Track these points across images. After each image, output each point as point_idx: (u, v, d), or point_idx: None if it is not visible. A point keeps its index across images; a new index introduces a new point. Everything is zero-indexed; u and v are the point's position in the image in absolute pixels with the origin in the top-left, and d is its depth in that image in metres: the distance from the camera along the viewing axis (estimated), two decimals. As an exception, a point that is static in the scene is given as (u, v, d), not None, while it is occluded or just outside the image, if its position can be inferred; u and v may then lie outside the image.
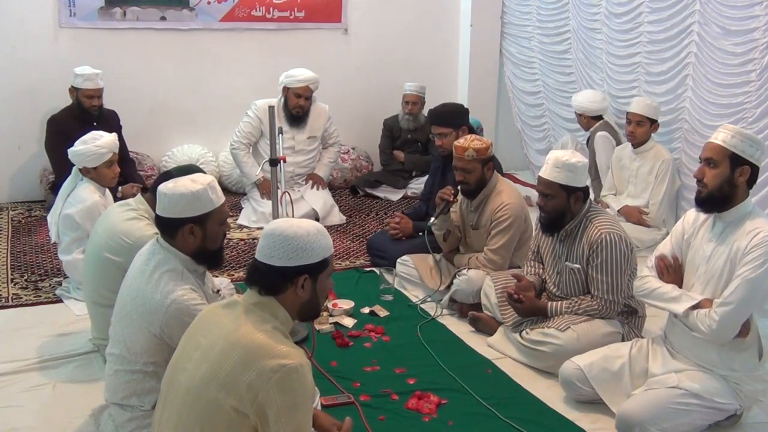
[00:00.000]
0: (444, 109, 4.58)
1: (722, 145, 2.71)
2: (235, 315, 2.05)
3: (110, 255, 3.04)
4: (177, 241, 2.49)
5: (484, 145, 3.85)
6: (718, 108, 4.55)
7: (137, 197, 3.14)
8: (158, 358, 2.44)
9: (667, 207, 4.93)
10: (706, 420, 2.79)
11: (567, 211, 3.33)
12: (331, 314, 3.84)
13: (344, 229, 5.40)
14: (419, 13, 6.82)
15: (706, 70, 4.59)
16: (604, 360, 3.00)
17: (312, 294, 2.10)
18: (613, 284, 3.27)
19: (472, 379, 3.25)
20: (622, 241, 3.26)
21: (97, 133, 3.88)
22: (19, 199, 5.90)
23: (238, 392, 1.91)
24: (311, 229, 2.07)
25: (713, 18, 4.47)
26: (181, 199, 2.44)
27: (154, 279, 2.45)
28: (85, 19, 5.80)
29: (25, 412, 2.96)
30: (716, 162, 2.72)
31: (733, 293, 2.64)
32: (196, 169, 2.88)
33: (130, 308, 2.48)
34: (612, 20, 5.36)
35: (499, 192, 3.92)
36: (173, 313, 2.39)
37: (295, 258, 2.04)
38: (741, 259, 2.66)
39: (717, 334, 2.68)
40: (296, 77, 5.30)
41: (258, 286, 2.07)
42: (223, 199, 2.55)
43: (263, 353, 1.93)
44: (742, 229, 2.70)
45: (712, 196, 2.74)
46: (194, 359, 2.04)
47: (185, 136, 6.18)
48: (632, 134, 4.91)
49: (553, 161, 3.28)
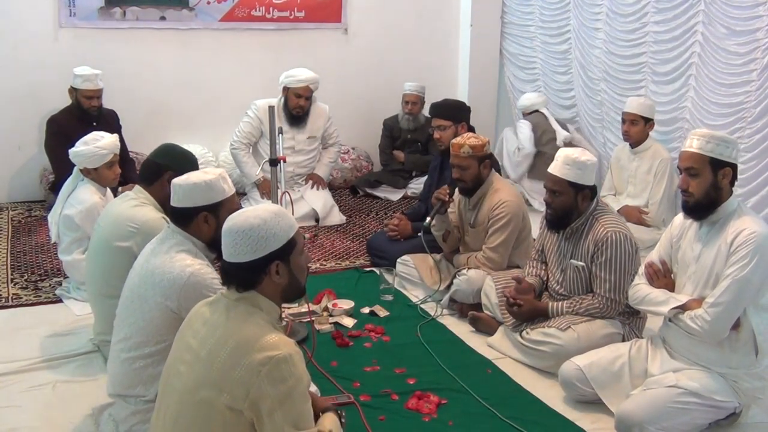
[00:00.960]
0: (446, 103, 4.60)
1: (699, 152, 2.75)
2: (220, 312, 2.05)
3: (119, 242, 3.04)
4: (191, 230, 2.59)
5: (480, 142, 3.85)
6: (719, 107, 4.56)
7: (136, 188, 3.17)
8: (173, 336, 2.44)
9: (667, 206, 4.92)
10: (705, 419, 2.79)
11: (574, 209, 3.34)
12: (331, 314, 3.84)
13: (344, 229, 5.40)
14: (419, 13, 6.83)
15: (709, 70, 4.60)
16: (604, 360, 3.00)
17: (290, 276, 2.07)
18: (616, 283, 3.27)
19: (472, 379, 3.25)
20: (628, 240, 3.27)
21: (98, 133, 3.88)
22: (19, 199, 5.90)
23: (230, 390, 1.90)
24: (266, 216, 2.03)
25: (718, 18, 4.48)
26: (195, 188, 2.55)
27: (171, 255, 2.52)
28: (85, 19, 5.80)
29: (25, 412, 2.96)
30: (697, 170, 2.75)
31: (723, 293, 2.67)
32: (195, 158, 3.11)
33: (146, 287, 2.50)
34: (616, 20, 5.36)
35: (497, 190, 3.92)
36: (192, 285, 2.44)
37: (260, 249, 2.00)
38: (728, 258, 2.70)
39: (710, 333, 2.72)
40: (296, 77, 5.30)
41: (234, 284, 2.06)
42: (233, 190, 2.67)
43: (250, 348, 1.91)
44: (728, 228, 2.74)
45: (700, 204, 2.78)
46: (186, 361, 2.03)
47: (185, 135, 6.17)
48: (627, 133, 4.92)
49: (563, 158, 3.29)
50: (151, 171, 3.11)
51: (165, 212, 3.01)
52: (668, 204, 4.94)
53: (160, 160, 3.09)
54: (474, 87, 6.93)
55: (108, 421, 2.74)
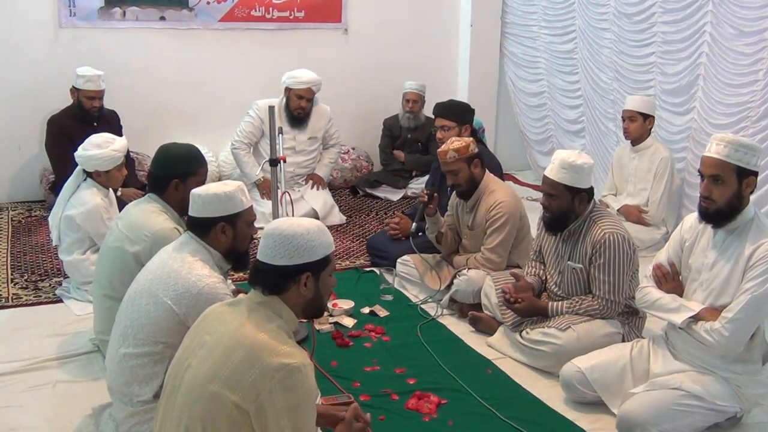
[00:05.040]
0: (451, 104, 4.58)
1: (726, 160, 2.66)
2: (240, 313, 2.07)
3: (128, 246, 3.04)
4: (208, 239, 2.62)
5: (463, 143, 3.85)
6: (725, 107, 4.56)
7: (152, 195, 3.15)
8: (173, 340, 2.46)
9: (667, 205, 4.92)
10: (706, 421, 2.78)
11: (571, 212, 3.33)
12: (331, 314, 3.84)
13: (344, 229, 5.40)
14: (419, 13, 6.83)
15: (717, 71, 4.60)
16: (605, 362, 3.00)
17: (315, 292, 2.11)
18: (614, 284, 3.26)
19: (472, 379, 3.25)
20: (626, 241, 3.26)
21: (109, 136, 3.87)
22: (19, 199, 5.90)
23: (241, 389, 1.92)
24: (311, 227, 2.09)
25: (727, 18, 4.48)
26: (214, 198, 2.58)
27: (188, 262, 2.54)
28: (85, 19, 5.80)
29: (25, 412, 2.96)
30: (723, 179, 2.67)
31: (741, 309, 2.62)
32: (194, 151, 3.13)
33: (158, 287, 2.51)
34: (623, 20, 5.35)
35: (493, 191, 3.92)
36: (204, 297, 2.45)
37: (297, 257, 2.05)
38: (747, 272, 2.64)
39: (726, 348, 2.69)
40: (298, 79, 5.30)
41: (261, 286, 2.09)
42: (251, 203, 2.70)
43: (267, 352, 1.94)
44: (746, 238, 2.68)
45: (721, 211, 2.70)
46: (198, 356, 2.05)
47: (185, 135, 6.13)
48: (626, 130, 4.93)
49: (560, 162, 3.27)
50: (157, 183, 3.11)
51: (182, 216, 3.02)
52: (668, 203, 4.93)
53: (161, 172, 3.08)
54: (474, 87, 6.92)
55: (108, 421, 2.73)
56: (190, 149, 3.16)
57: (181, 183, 3.03)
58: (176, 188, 3.04)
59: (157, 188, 3.10)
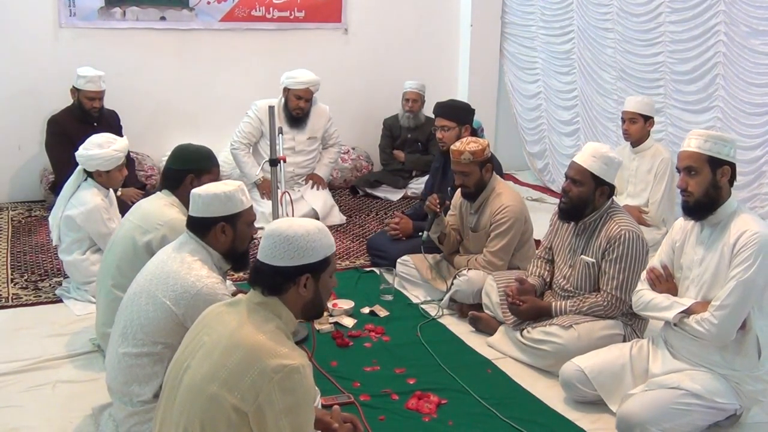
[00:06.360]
0: (452, 103, 4.58)
1: (698, 151, 2.75)
2: (239, 314, 2.07)
3: (141, 235, 3.06)
4: (208, 239, 2.62)
5: (480, 147, 3.84)
6: (753, 107, 4.55)
7: (164, 191, 3.19)
8: (172, 340, 2.46)
9: (667, 206, 4.91)
10: (706, 420, 2.79)
11: (590, 202, 3.34)
12: (331, 314, 3.84)
13: (344, 229, 5.40)
14: (419, 13, 6.83)
15: (738, 70, 4.59)
16: (605, 361, 3.00)
17: (315, 293, 2.11)
18: (623, 281, 3.26)
19: (472, 379, 3.25)
20: (640, 240, 3.27)
21: (110, 136, 3.88)
22: (19, 199, 5.91)
23: (239, 390, 1.92)
24: (312, 229, 2.09)
25: (740, 18, 4.48)
26: (215, 198, 2.59)
27: (187, 262, 2.54)
28: (85, 19, 5.80)
29: (25, 412, 2.96)
30: (696, 169, 2.75)
31: (729, 296, 2.66)
32: (209, 151, 3.20)
33: (157, 287, 2.51)
34: (628, 20, 5.34)
35: (499, 194, 3.91)
36: (203, 297, 2.45)
37: (297, 257, 2.05)
38: (732, 260, 2.69)
39: (717, 336, 2.71)
40: (297, 79, 5.30)
41: (261, 286, 2.09)
42: (251, 203, 2.71)
43: (265, 353, 1.94)
44: (729, 230, 2.73)
45: (700, 203, 2.77)
46: (197, 357, 2.05)
47: (185, 136, 6.10)
48: (626, 132, 4.91)
49: (592, 150, 3.31)
50: (172, 178, 3.15)
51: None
52: (668, 204, 4.93)
53: (178, 166, 3.13)
54: (474, 87, 6.93)
55: (108, 421, 2.73)
56: (205, 148, 3.24)
57: (195, 178, 3.08)
58: (191, 183, 3.07)
59: (172, 183, 3.15)
